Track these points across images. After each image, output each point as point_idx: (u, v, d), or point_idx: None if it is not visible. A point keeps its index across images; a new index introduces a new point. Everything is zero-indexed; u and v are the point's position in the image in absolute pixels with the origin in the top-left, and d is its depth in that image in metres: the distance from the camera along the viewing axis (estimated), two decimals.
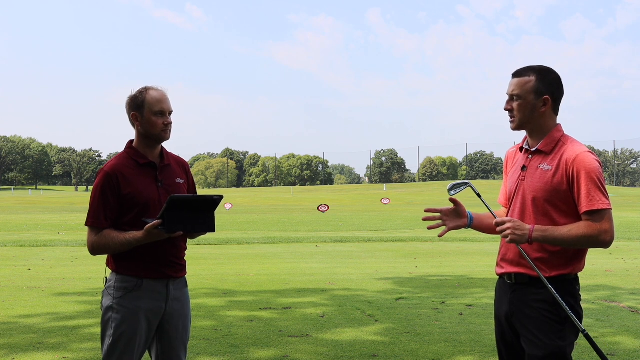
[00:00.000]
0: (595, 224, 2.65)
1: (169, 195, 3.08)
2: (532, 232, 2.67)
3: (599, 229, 2.64)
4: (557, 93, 2.84)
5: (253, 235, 19.36)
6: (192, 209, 2.84)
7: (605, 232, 2.65)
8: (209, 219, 2.90)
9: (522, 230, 2.68)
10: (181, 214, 2.80)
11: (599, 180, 2.67)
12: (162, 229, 2.80)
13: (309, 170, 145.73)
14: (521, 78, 2.82)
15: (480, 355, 5.31)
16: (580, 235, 2.64)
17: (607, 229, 2.66)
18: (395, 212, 38.02)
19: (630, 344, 5.71)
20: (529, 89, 2.79)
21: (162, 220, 2.79)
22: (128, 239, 2.89)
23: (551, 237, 2.67)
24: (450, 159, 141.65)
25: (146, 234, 2.84)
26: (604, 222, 2.65)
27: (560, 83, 2.85)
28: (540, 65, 2.85)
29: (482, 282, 9.50)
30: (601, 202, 2.65)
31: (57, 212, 39.08)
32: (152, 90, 3.04)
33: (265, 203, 56.65)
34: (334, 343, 5.68)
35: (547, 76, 2.82)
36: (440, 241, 17.38)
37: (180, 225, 2.81)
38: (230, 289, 8.76)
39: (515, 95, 2.82)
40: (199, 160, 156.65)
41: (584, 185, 2.67)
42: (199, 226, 2.89)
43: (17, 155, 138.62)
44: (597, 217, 2.66)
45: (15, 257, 12.68)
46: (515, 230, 2.68)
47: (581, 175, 2.67)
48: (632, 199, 57.60)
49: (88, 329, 6.15)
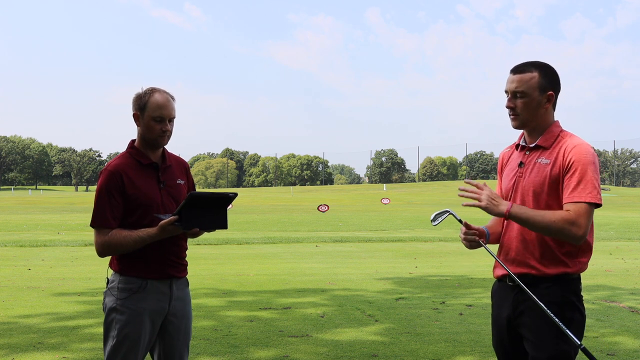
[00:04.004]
0: (571, 215, 2.58)
1: (171, 197, 3.07)
2: (510, 206, 2.63)
3: (572, 221, 2.56)
4: (558, 88, 2.81)
5: (253, 235, 19.35)
6: (208, 206, 2.85)
7: (577, 226, 2.56)
8: (222, 216, 2.91)
9: (499, 201, 2.65)
10: (197, 211, 2.81)
11: (592, 173, 2.61)
12: (179, 225, 2.80)
13: (309, 170, 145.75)
14: (524, 74, 2.74)
15: (480, 355, 5.31)
16: (552, 222, 2.57)
17: (581, 223, 2.57)
18: (395, 212, 37.99)
19: (630, 344, 5.71)
20: (533, 84, 2.72)
21: (179, 216, 2.80)
22: (142, 236, 2.87)
23: (524, 216, 2.61)
24: (450, 159, 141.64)
25: (161, 229, 2.84)
26: (580, 216, 2.57)
27: (559, 78, 2.81)
28: (538, 61, 2.80)
29: (482, 282, 9.50)
30: (588, 195, 2.59)
31: (57, 212, 39.06)
32: (157, 94, 3.00)
33: (265, 203, 56.63)
34: (334, 343, 5.68)
35: (549, 71, 2.77)
36: (440, 241, 17.38)
37: (196, 222, 2.83)
38: (230, 289, 8.76)
39: (520, 92, 2.74)
40: (199, 160, 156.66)
41: (577, 175, 2.61)
42: (213, 223, 2.90)
43: (17, 155, 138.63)
44: (577, 207, 2.59)
45: (15, 257, 12.67)
46: (491, 199, 2.65)
47: (575, 164, 2.62)
48: (632, 199, 57.58)
49: (88, 329, 6.15)
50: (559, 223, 2.57)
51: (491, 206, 2.65)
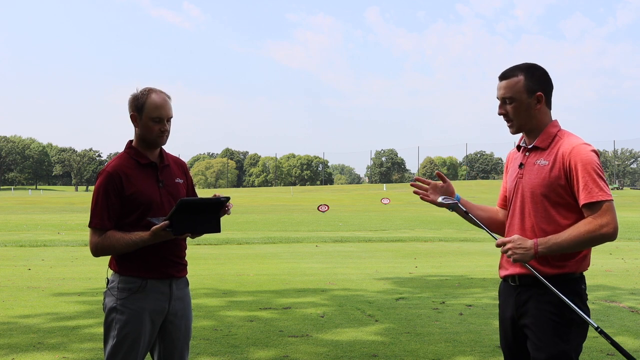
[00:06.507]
0: (594, 218, 2.58)
1: (170, 196, 3.08)
2: (537, 246, 2.61)
3: (599, 224, 2.57)
4: (548, 87, 2.80)
5: (253, 235, 19.35)
6: (200, 211, 2.87)
7: (605, 225, 2.57)
8: (214, 220, 2.93)
9: (525, 247, 2.62)
10: (189, 216, 2.83)
11: (595, 172, 2.61)
12: (170, 231, 2.81)
13: (309, 170, 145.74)
14: (509, 79, 2.77)
15: (480, 355, 5.31)
16: (581, 235, 2.57)
17: (607, 221, 2.57)
18: (395, 212, 37.99)
19: (630, 344, 5.71)
20: (520, 88, 2.74)
21: (170, 222, 2.81)
22: (134, 240, 2.88)
23: (555, 245, 2.60)
24: (450, 159, 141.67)
25: (153, 234, 2.85)
26: (604, 215, 2.57)
27: (549, 77, 2.80)
28: (525, 63, 2.81)
29: (482, 282, 9.50)
30: (599, 194, 2.58)
31: (57, 212, 39.05)
32: (154, 94, 3.01)
33: (265, 203, 56.63)
34: (334, 343, 5.68)
35: (535, 72, 2.77)
36: (440, 241, 17.38)
37: (188, 227, 2.84)
38: (230, 289, 8.76)
39: (508, 98, 2.77)
40: (199, 160, 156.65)
41: (581, 177, 2.61)
42: (206, 227, 2.92)
43: (17, 155, 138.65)
44: (596, 209, 2.59)
45: (15, 257, 12.67)
46: (516, 249, 2.63)
47: (578, 167, 2.62)
48: (632, 199, 57.61)
49: (88, 329, 6.15)
50: (587, 231, 2.58)
51: (521, 257, 2.63)
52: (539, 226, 2.72)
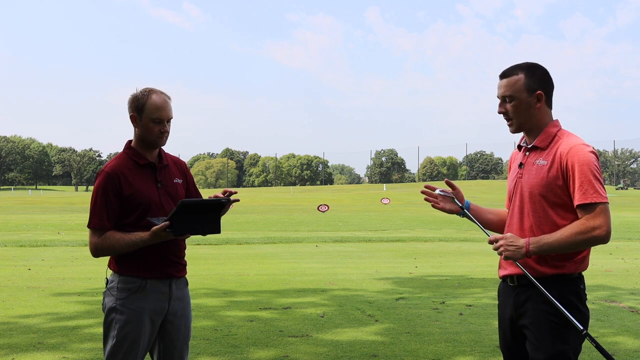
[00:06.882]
0: (587, 220, 2.57)
1: (169, 196, 3.08)
2: (529, 245, 2.61)
3: (591, 226, 2.56)
4: (548, 86, 2.79)
5: (253, 235, 19.35)
6: (201, 212, 2.87)
7: (598, 228, 2.56)
8: (215, 221, 2.93)
9: (516, 244, 2.63)
10: (189, 217, 2.83)
11: (592, 173, 2.59)
12: (171, 232, 2.81)
13: (309, 170, 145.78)
14: (509, 78, 2.77)
15: (480, 355, 5.31)
16: (572, 236, 2.57)
17: (600, 224, 2.56)
18: (395, 212, 37.99)
19: (630, 344, 5.71)
20: (520, 87, 2.74)
21: (170, 222, 2.81)
22: (134, 240, 2.88)
23: (546, 245, 2.60)
24: (450, 159, 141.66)
25: (153, 235, 2.85)
26: (597, 217, 2.56)
27: (549, 76, 2.80)
28: (525, 62, 2.81)
29: (482, 282, 9.50)
30: (594, 195, 2.57)
31: (57, 212, 39.07)
32: (154, 95, 3.00)
33: (265, 203, 56.63)
34: (334, 343, 5.68)
35: (535, 71, 2.77)
36: (440, 241, 17.38)
37: (188, 228, 2.85)
38: (230, 289, 8.76)
39: (508, 97, 2.77)
40: (199, 160, 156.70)
41: (577, 178, 2.60)
42: (206, 228, 2.92)
43: (17, 155, 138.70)
44: (590, 210, 2.58)
45: (15, 257, 12.67)
46: (508, 246, 2.64)
47: (575, 167, 2.61)
48: (632, 199, 57.61)
49: (88, 329, 6.15)
50: (579, 232, 2.57)
51: (512, 254, 2.65)
52: (538, 226, 2.71)
